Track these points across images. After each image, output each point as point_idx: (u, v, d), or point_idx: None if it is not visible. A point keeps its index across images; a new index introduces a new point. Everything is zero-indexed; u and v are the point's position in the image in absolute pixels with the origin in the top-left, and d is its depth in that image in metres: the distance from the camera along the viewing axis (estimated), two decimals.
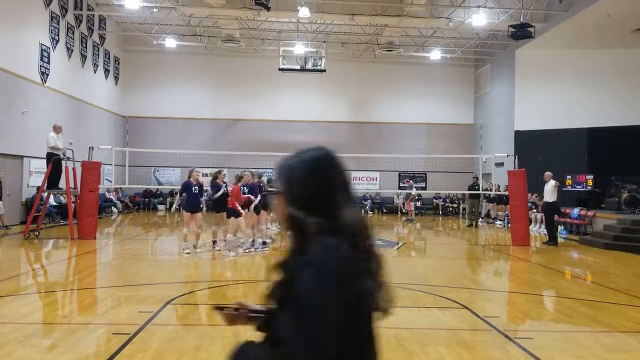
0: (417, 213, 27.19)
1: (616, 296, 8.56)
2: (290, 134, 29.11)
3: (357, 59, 29.57)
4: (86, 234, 14.66)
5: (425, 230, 20.72)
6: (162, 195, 29.08)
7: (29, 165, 19.23)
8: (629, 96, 23.31)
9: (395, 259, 13.24)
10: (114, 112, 28.12)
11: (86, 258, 12.08)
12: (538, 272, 11.28)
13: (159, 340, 5.73)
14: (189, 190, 12.27)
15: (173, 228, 20.44)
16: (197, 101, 29.71)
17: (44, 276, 10.19)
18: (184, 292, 8.18)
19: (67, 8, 22.02)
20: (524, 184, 15.63)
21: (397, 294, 6.55)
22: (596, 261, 12.81)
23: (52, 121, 16.78)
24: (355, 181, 29.12)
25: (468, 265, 12.45)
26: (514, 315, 7.53)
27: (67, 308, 7.64)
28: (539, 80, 24.99)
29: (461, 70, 31.12)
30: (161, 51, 28.63)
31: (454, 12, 22.63)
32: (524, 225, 15.58)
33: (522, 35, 19.23)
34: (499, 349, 5.70)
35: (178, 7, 22.02)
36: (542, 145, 23.33)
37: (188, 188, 12.30)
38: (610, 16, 19.91)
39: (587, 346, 5.82)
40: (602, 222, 16.99)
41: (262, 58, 28.98)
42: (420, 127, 30.59)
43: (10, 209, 18.03)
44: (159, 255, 13.92)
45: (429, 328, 6.46)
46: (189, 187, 12.33)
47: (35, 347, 5.49)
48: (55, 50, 21.08)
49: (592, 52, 23.66)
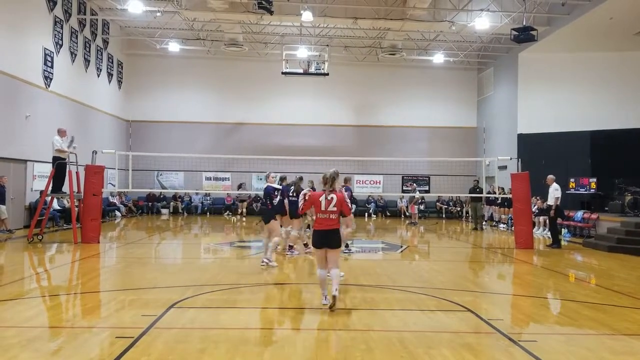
0: (421, 216, 27.19)
1: (620, 299, 8.54)
2: (294, 137, 29.18)
3: (360, 62, 29.60)
4: (90, 237, 14.70)
5: (429, 234, 20.69)
6: (166, 199, 29.11)
7: (33, 170, 19.28)
8: (632, 99, 23.28)
9: (399, 262, 13.23)
10: (117, 116, 28.19)
11: (89, 262, 12.10)
12: (542, 275, 11.25)
13: (163, 343, 5.73)
14: (270, 195, 11.72)
15: (176, 232, 20.44)
16: (200, 105, 29.78)
17: (48, 280, 10.20)
18: (188, 295, 8.18)
19: (70, 13, 22.10)
20: (527, 187, 15.61)
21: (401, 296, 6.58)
22: (600, 264, 12.77)
23: (55, 125, 16.83)
24: (359, 184, 29.44)
25: (472, 268, 12.42)
26: (518, 318, 7.51)
27: (70, 312, 7.64)
28: (541, 83, 24.99)
29: (464, 74, 31.13)
30: (164, 55, 28.72)
31: (457, 15, 22.65)
32: (527, 228, 15.55)
33: (524, 39, 19.21)
34: (503, 352, 5.68)
35: (181, 11, 22.08)
36: (545, 148, 23.33)
37: (271, 193, 11.67)
38: (613, 19, 19.91)
39: (591, 349, 5.80)
40: (605, 225, 16.96)
41: (265, 62, 29.05)
42: (423, 131, 30.60)
43: (14, 213, 18.08)
44: (163, 259, 13.92)
45: (433, 331, 6.45)
46: (271, 192, 11.71)
47: (39, 351, 5.49)
48: (58, 54, 21.16)
49: (595, 55, 23.65)
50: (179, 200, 29.12)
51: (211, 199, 29.47)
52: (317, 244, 7.63)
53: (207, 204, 29.20)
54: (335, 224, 7.63)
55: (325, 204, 7.57)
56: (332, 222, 7.59)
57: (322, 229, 7.57)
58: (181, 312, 7.17)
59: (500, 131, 27.82)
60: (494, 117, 28.82)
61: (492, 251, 15.51)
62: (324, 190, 7.66)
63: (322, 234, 7.59)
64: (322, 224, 7.59)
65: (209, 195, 29.43)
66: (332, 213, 7.56)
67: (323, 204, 7.57)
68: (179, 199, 29.18)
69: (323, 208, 7.57)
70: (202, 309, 7.46)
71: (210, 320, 6.95)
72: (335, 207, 7.57)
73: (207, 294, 8.40)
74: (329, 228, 7.57)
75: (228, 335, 6.11)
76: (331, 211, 7.55)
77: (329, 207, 7.55)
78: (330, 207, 7.55)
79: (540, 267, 12.36)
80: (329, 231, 7.57)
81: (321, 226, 7.59)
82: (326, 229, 7.56)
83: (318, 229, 7.61)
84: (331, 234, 7.58)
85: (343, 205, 7.76)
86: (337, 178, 7.72)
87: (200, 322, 6.73)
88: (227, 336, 6.08)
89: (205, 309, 7.54)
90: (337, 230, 7.70)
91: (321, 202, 7.59)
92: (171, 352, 5.45)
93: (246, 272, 10.51)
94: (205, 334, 6.15)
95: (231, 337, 6.01)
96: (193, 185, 28.97)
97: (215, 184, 29.47)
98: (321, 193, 7.67)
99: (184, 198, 29.28)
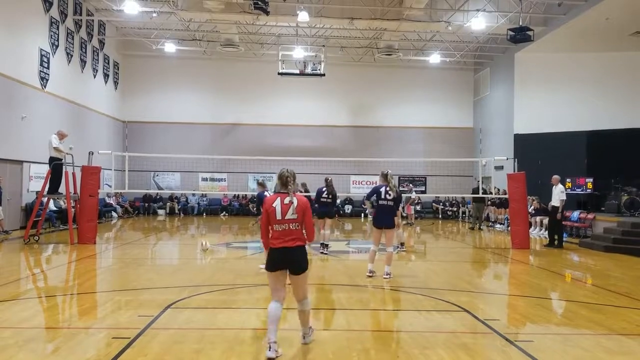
0: (417, 217, 27.21)
1: (617, 299, 8.56)
2: (290, 138, 29.19)
3: (356, 63, 29.62)
4: (86, 238, 14.68)
5: (425, 234, 20.72)
6: (162, 199, 29.09)
7: (29, 170, 19.25)
8: (629, 99, 23.37)
9: (395, 262, 13.23)
10: (113, 117, 28.16)
11: (86, 263, 12.07)
12: (538, 275, 11.27)
13: (159, 344, 5.73)
14: (262, 200, 11.59)
15: (173, 233, 20.42)
16: (197, 106, 29.77)
17: (44, 281, 10.17)
18: (184, 296, 8.17)
19: (66, 13, 22.07)
20: (523, 187, 15.63)
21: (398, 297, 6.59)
22: (596, 264, 12.80)
23: (51, 126, 16.82)
24: (355, 185, 29.42)
25: (468, 269, 12.43)
26: (514, 318, 7.52)
27: (67, 312, 7.63)
28: (538, 83, 25.06)
29: (460, 74, 31.18)
30: (160, 56, 28.70)
31: (453, 15, 22.68)
32: (523, 228, 15.57)
33: (521, 39, 19.26)
34: (500, 352, 5.69)
35: (177, 11, 22.06)
36: (542, 148, 23.38)
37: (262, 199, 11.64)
38: (609, 19, 19.97)
39: (587, 349, 5.81)
40: (602, 225, 17.00)
41: (261, 62, 29.06)
42: (420, 131, 30.64)
43: (10, 214, 18.04)
44: (159, 260, 13.90)
45: (429, 331, 6.45)
46: (263, 198, 11.71)
47: (35, 352, 5.48)
48: (54, 55, 21.12)
49: (591, 55, 23.72)
50: (175, 201, 29.12)
51: (207, 200, 29.46)
52: (272, 266, 5.55)
53: (203, 204, 29.20)
54: (298, 239, 5.57)
55: (281, 210, 5.54)
56: (293, 234, 5.54)
57: (281, 245, 5.50)
58: (178, 313, 7.16)
59: (496, 131, 27.87)
60: (491, 118, 28.88)
61: (489, 251, 15.52)
62: (280, 193, 5.67)
63: (281, 252, 5.50)
64: (280, 239, 5.53)
65: (205, 196, 29.44)
66: (291, 222, 5.52)
67: (278, 211, 5.55)
68: (175, 199, 29.17)
69: (279, 217, 5.54)
70: (198, 310, 7.45)
71: (207, 320, 6.94)
72: (297, 214, 5.54)
73: (203, 295, 8.40)
74: (291, 245, 5.52)
75: (224, 336, 6.10)
76: (290, 220, 5.52)
77: (287, 214, 5.53)
78: (289, 214, 5.53)
79: (536, 267, 12.38)
80: (290, 250, 5.51)
81: (279, 242, 5.52)
82: (286, 247, 5.50)
83: (275, 247, 5.53)
84: (293, 253, 5.52)
85: (306, 213, 5.64)
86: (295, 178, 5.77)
87: (196, 323, 6.72)
88: (223, 337, 6.07)
89: (202, 309, 7.53)
90: (302, 248, 5.61)
91: (275, 209, 5.55)
92: (167, 353, 5.45)
93: (243, 273, 10.50)
94: (201, 334, 6.15)
95: (227, 338, 6.00)
96: (189, 186, 28.96)
97: (212, 185, 29.47)
98: (275, 197, 5.66)
99: (181, 199, 29.28)
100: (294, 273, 5.53)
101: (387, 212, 9.92)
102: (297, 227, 5.57)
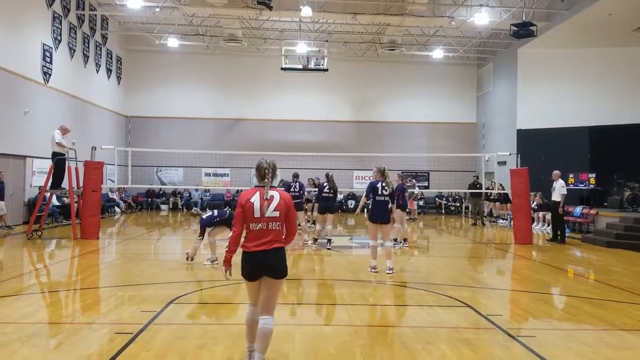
0: (420, 212, 27.20)
1: (619, 294, 8.56)
2: (293, 133, 29.17)
3: (359, 58, 29.57)
4: (89, 234, 14.71)
5: (428, 229, 20.71)
6: (165, 195, 29.12)
7: (32, 165, 19.28)
8: (632, 94, 23.30)
9: (397, 257, 13.24)
10: (116, 112, 28.17)
11: (89, 258, 12.10)
12: (540, 270, 11.28)
13: (162, 339, 5.74)
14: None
15: (176, 228, 20.45)
16: (200, 101, 29.75)
17: (47, 276, 10.21)
18: (187, 291, 8.19)
19: (69, 8, 22.06)
20: (526, 183, 15.63)
21: (400, 292, 6.59)
22: (599, 259, 12.79)
23: (54, 121, 16.82)
24: (358, 180, 29.41)
25: (470, 264, 12.43)
26: (516, 314, 7.53)
27: (70, 308, 7.65)
28: (541, 78, 25.00)
29: (463, 69, 31.11)
30: (163, 51, 28.67)
31: (456, 10, 22.62)
32: (526, 223, 15.57)
33: (524, 34, 19.20)
34: (502, 347, 5.69)
35: (180, 6, 22.06)
36: (545, 143, 23.32)
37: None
38: (612, 15, 19.88)
39: (589, 344, 5.82)
40: (604, 220, 16.97)
41: (264, 57, 29.00)
42: (423, 126, 30.59)
43: (13, 209, 18.09)
44: (162, 255, 13.94)
45: (432, 326, 6.46)
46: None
47: (38, 347, 5.50)
48: (57, 50, 21.13)
49: (594, 50, 23.64)
50: (178, 196, 29.13)
51: (211, 195, 29.47)
52: (248, 274, 4.73)
53: (206, 199, 29.20)
54: (277, 241, 4.72)
55: (260, 206, 4.69)
56: (271, 235, 4.69)
57: (257, 249, 4.65)
58: (181, 308, 7.18)
59: (499, 127, 27.82)
60: (493, 113, 28.82)
61: (491, 247, 15.52)
62: (259, 187, 4.81)
63: (258, 257, 4.66)
64: (256, 241, 4.68)
65: (208, 191, 29.45)
66: (271, 221, 4.68)
67: (256, 207, 4.68)
68: (178, 195, 29.19)
69: (257, 214, 4.68)
70: (201, 305, 7.47)
71: (210, 316, 6.96)
72: (278, 211, 4.71)
73: (206, 290, 8.42)
74: (269, 248, 4.67)
75: (227, 331, 6.11)
76: (270, 218, 4.68)
77: (268, 211, 4.69)
78: (270, 211, 4.68)
79: (539, 262, 12.39)
80: (267, 252, 4.67)
81: (255, 244, 4.67)
82: (263, 250, 4.66)
83: (250, 250, 4.67)
84: (271, 256, 4.69)
85: (290, 211, 4.81)
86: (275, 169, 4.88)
87: (199, 318, 6.74)
88: (226, 332, 6.09)
89: (205, 304, 7.55)
90: (280, 251, 4.76)
91: (253, 205, 4.69)
92: (170, 348, 5.46)
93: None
94: (204, 329, 6.16)
95: (231, 333, 6.01)
96: (192, 181, 28.95)
97: (215, 180, 29.48)
98: (253, 191, 4.78)
99: (184, 194, 29.28)
100: (272, 277, 4.70)
101: (384, 207, 10.03)
102: (278, 227, 4.73)
